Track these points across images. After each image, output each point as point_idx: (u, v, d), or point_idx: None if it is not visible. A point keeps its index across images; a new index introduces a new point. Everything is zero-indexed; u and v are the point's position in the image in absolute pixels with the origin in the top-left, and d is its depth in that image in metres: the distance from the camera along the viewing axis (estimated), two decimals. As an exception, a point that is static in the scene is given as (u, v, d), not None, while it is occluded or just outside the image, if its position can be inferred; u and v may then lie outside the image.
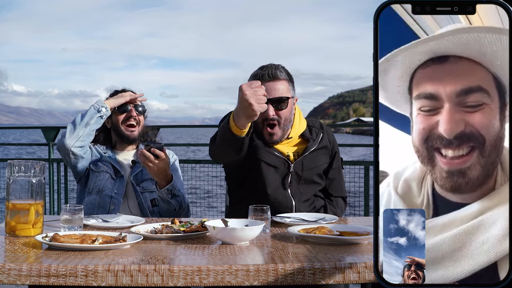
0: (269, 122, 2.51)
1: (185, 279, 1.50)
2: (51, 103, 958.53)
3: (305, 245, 1.83)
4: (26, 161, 2.00)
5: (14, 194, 1.97)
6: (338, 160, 2.74)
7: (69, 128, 2.69)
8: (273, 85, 2.49)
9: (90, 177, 2.75)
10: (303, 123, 2.66)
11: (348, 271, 1.54)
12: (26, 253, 1.68)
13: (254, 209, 2.07)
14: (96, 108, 2.70)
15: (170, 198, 2.56)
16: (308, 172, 2.60)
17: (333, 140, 2.72)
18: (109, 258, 1.60)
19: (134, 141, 2.86)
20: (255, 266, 1.52)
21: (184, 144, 6.01)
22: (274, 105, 2.49)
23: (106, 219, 2.30)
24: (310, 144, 2.61)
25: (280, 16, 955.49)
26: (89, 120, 2.67)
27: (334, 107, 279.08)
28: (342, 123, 36.28)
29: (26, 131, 47.54)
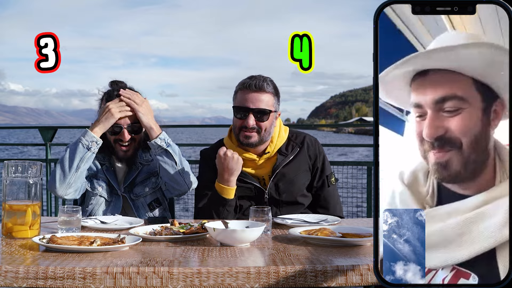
0: (248, 130, 2.49)
1: (184, 281, 1.48)
2: (48, 103, 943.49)
3: (307, 247, 1.80)
4: (23, 162, 1.97)
5: (11, 195, 1.95)
6: (323, 176, 2.61)
7: (58, 173, 2.42)
8: (258, 96, 2.48)
9: (86, 195, 2.60)
10: (281, 139, 2.59)
11: (350, 273, 1.52)
12: (23, 255, 1.66)
13: (255, 211, 2.05)
14: (85, 146, 2.43)
15: (166, 146, 2.48)
16: (287, 195, 2.54)
17: (316, 155, 2.61)
18: (107, 260, 1.58)
19: (130, 160, 2.63)
20: (256, 268, 1.50)
21: (183, 144, 5.98)
22: (256, 116, 2.48)
23: (104, 220, 2.27)
24: (279, 161, 2.54)
25: (281, 14, 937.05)
26: (80, 163, 2.41)
27: (336, 107, 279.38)
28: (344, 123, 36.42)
29: (23, 131, 47.66)
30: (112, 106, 2.49)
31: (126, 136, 2.54)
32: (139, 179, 2.63)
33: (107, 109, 2.48)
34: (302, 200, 2.57)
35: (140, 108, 2.52)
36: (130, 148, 2.59)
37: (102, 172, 2.61)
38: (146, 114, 2.53)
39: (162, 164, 2.50)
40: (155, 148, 2.50)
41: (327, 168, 2.64)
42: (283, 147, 2.58)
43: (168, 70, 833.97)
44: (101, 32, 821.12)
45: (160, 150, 2.49)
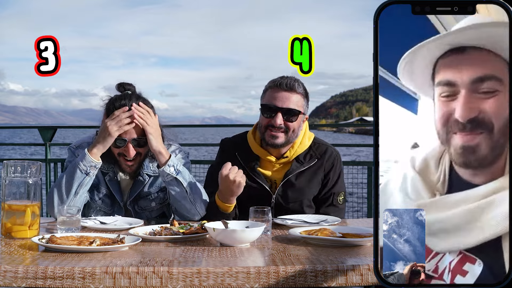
0: (275, 130, 2.44)
1: (184, 281, 1.48)
2: (48, 102, 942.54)
3: (307, 247, 1.80)
4: (22, 162, 1.97)
5: (10, 195, 1.95)
6: (330, 192, 2.54)
7: (56, 198, 2.31)
8: (288, 95, 2.44)
9: (86, 206, 2.49)
10: (303, 146, 2.55)
11: (350, 273, 1.52)
12: (22, 255, 1.66)
13: (255, 211, 2.05)
14: (83, 171, 2.30)
15: (175, 173, 2.35)
16: (294, 204, 2.51)
17: (331, 168, 2.54)
18: (107, 260, 1.57)
19: (134, 173, 2.48)
20: (256, 268, 1.50)
21: (183, 144, 5.97)
22: (284, 115, 2.44)
23: (104, 221, 2.26)
24: (293, 168, 2.50)
25: (281, 14, 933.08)
26: (78, 189, 2.30)
27: (337, 106, 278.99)
28: (345, 123, 36.61)
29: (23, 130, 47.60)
30: (110, 123, 2.31)
31: (131, 152, 2.37)
32: (145, 192, 2.51)
33: (104, 128, 2.32)
34: (309, 211, 2.53)
35: (151, 130, 2.34)
36: (135, 163, 2.43)
37: (104, 183, 2.48)
38: (157, 137, 2.36)
39: (171, 192, 2.37)
40: (164, 175, 2.37)
41: (338, 185, 2.57)
42: (302, 155, 2.53)
43: (168, 70, 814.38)
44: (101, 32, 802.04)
45: (169, 178, 2.35)
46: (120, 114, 2.32)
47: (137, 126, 2.35)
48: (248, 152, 2.55)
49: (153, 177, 2.52)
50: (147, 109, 2.38)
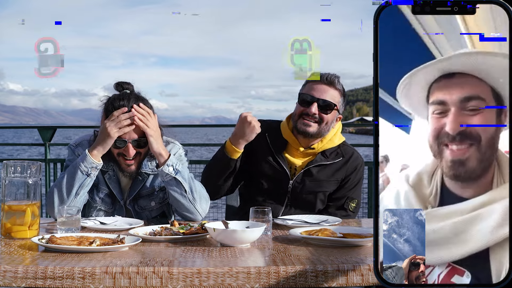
0: (309, 118, 2.48)
1: (184, 281, 1.47)
2: (47, 102, 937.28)
3: (308, 247, 1.80)
4: (22, 162, 1.97)
5: (10, 195, 1.94)
6: (345, 195, 2.56)
7: (56, 198, 2.29)
8: (327, 88, 2.49)
9: (87, 205, 2.48)
10: (331, 143, 2.57)
11: (351, 273, 1.52)
12: (22, 255, 1.66)
13: (255, 211, 2.04)
14: (84, 172, 2.29)
15: (174, 173, 2.34)
16: (308, 196, 2.54)
17: (353, 172, 2.56)
18: (106, 260, 1.57)
19: (134, 174, 2.46)
20: (256, 268, 1.50)
21: (183, 144, 5.96)
22: (320, 106, 2.48)
23: (104, 221, 2.26)
24: (316, 160, 2.53)
25: (281, 14, 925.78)
26: (79, 190, 2.29)
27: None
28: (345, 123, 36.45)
29: (23, 130, 47.60)
30: (109, 125, 2.29)
31: (131, 152, 2.36)
32: (145, 191, 2.51)
33: (104, 129, 2.30)
34: (321, 206, 2.56)
35: (152, 132, 2.34)
36: (135, 162, 2.41)
37: (104, 182, 2.48)
38: (157, 138, 2.35)
39: (171, 192, 2.36)
40: (163, 175, 2.36)
41: (355, 191, 2.58)
42: (328, 151, 2.57)
43: (168, 70, 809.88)
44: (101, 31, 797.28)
45: (168, 177, 2.35)
46: (120, 116, 2.30)
47: (137, 127, 2.33)
48: (278, 136, 2.61)
49: (152, 176, 2.52)
50: (148, 111, 2.37)
